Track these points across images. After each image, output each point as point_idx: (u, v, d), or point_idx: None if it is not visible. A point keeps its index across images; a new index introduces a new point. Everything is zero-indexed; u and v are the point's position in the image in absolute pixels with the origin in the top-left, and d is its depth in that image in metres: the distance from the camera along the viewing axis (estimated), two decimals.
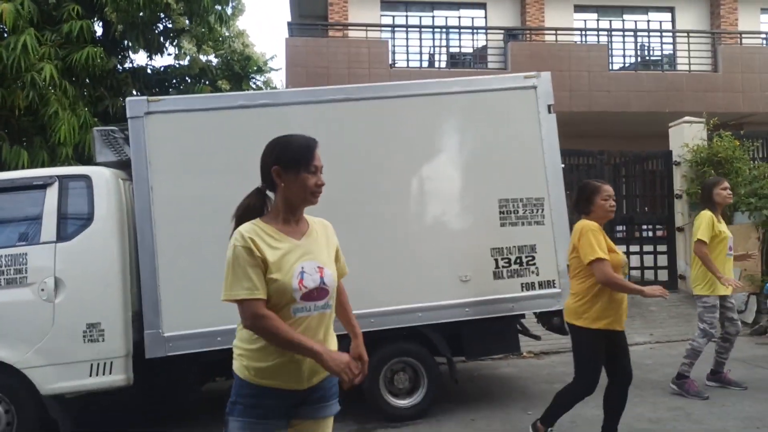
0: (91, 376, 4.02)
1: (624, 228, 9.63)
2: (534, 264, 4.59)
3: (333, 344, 2.13)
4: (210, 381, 4.84)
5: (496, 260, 4.56)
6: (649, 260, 9.41)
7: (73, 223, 4.16)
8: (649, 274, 9.39)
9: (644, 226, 9.78)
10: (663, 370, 5.70)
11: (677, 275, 9.16)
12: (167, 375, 4.34)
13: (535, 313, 4.95)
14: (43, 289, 4.00)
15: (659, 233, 9.59)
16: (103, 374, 4.04)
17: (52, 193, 4.16)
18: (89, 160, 6.17)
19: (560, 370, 5.83)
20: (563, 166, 4.82)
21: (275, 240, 2.01)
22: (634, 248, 9.29)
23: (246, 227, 2.01)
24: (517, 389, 5.40)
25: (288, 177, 2.01)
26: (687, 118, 9.36)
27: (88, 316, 4.04)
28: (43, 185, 4.18)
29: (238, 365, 2.04)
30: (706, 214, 4.87)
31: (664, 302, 8.36)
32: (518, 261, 4.58)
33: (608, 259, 3.35)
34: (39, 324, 3.98)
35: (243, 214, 2.08)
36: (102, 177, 4.27)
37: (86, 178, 4.24)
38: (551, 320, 4.86)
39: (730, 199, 4.99)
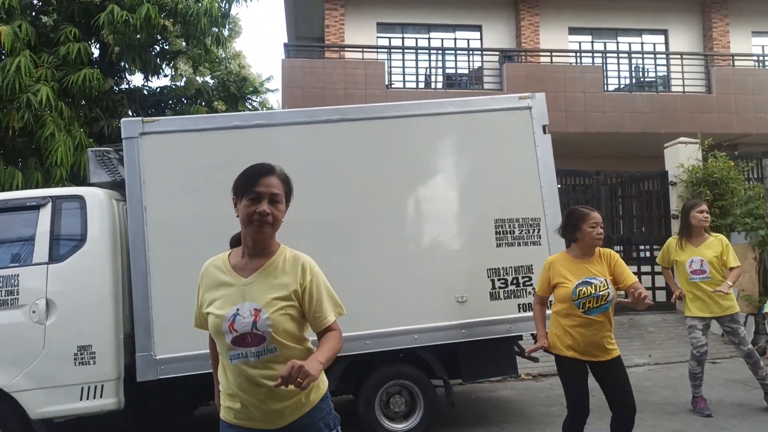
0: (81, 399, 3.94)
1: (621, 248, 9.61)
2: (530, 284, 4.55)
3: (316, 391, 1.99)
4: (202, 405, 4.75)
5: (493, 281, 4.52)
6: (646, 281, 9.36)
7: (65, 244, 4.12)
8: None
9: (641, 247, 9.76)
10: (662, 392, 5.62)
11: None
12: (159, 398, 4.26)
13: (532, 335, 4.89)
14: (34, 311, 3.95)
15: (656, 254, 9.55)
16: (94, 398, 3.96)
17: (45, 214, 4.12)
18: (84, 181, 6.14)
19: (558, 393, 5.72)
20: (559, 186, 4.81)
21: (224, 275, 1.95)
22: (632, 269, 9.21)
23: (211, 259, 2.04)
24: (515, 412, 5.32)
25: (238, 206, 1.94)
26: (682, 138, 9.40)
27: (79, 338, 3.97)
28: (36, 206, 4.14)
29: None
30: (667, 241, 5.16)
31: (662, 323, 8.31)
32: (515, 282, 4.55)
33: (540, 293, 3.54)
34: (29, 346, 3.91)
35: (233, 245, 2.09)
36: (95, 197, 4.24)
37: (79, 199, 4.21)
38: None
39: (705, 223, 4.90)
